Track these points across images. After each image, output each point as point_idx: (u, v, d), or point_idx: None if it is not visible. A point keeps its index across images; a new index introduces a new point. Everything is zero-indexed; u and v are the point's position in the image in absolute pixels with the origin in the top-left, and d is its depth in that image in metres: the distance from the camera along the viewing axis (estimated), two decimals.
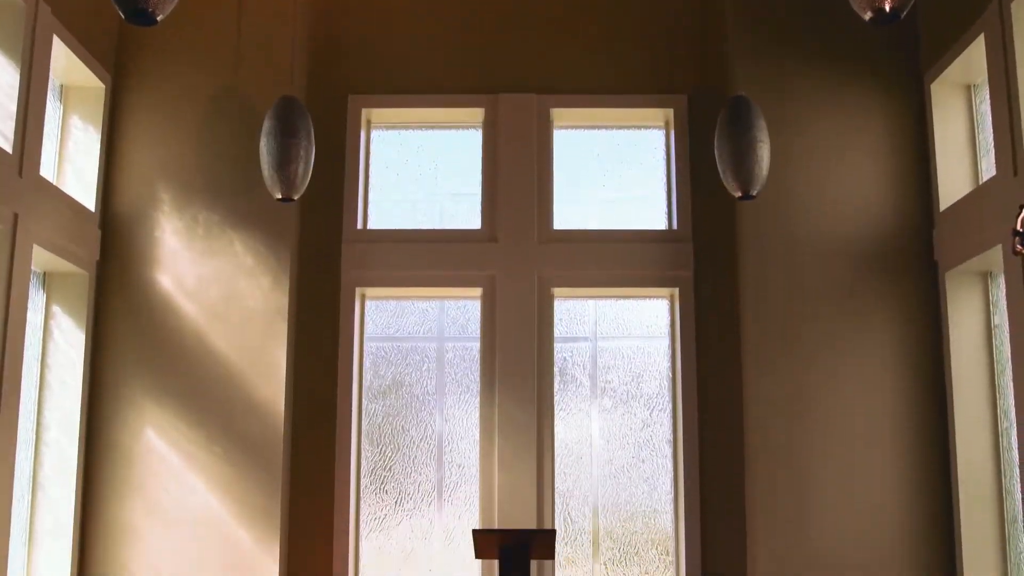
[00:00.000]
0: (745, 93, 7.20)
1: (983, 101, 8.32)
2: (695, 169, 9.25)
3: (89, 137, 8.70)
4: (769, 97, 8.52)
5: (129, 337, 8.57)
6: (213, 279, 8.65)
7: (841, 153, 8.74)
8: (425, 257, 9.16)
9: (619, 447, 9.13)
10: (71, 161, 8.64)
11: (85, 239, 8.40)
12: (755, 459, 8.41)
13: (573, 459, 9.10)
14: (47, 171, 8.20)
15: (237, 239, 8.70)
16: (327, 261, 9.15)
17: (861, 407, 8.38)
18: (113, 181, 8.82)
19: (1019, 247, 5.54)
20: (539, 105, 9.36)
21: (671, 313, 9.26)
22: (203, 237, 8.71)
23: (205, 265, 8.67)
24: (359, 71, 9.46)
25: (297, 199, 7.16)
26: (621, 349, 9.27)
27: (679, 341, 9.06)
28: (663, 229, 9.35)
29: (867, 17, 4.67)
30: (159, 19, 4.75)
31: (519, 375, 8.92)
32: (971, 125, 8.51)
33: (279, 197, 7.05)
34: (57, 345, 8.35)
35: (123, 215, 8.77)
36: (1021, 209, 5.38)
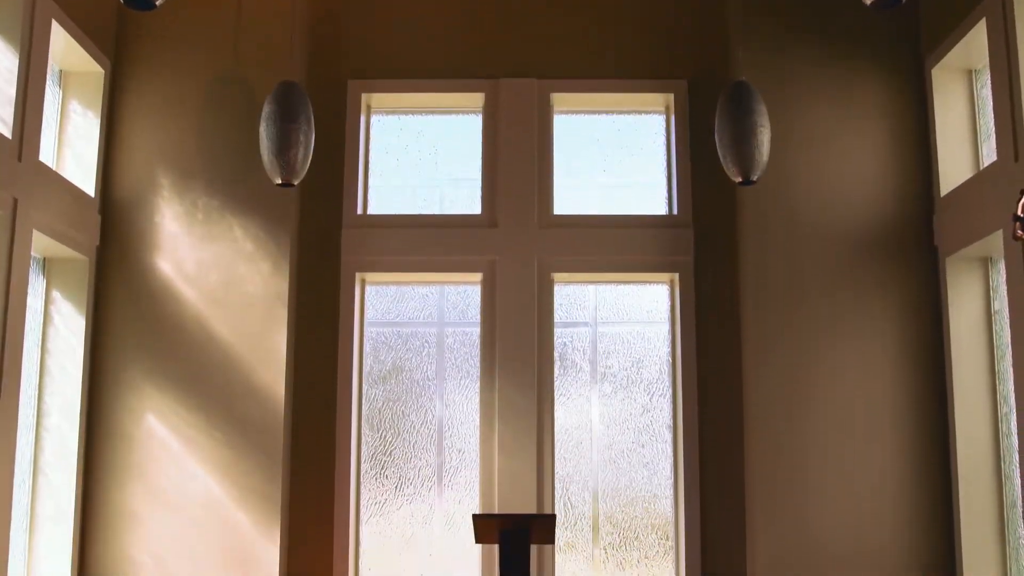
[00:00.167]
0: (745, 78, 7.19)
1: (984, 86, 8.31)
2: (695, 154, 9.24)
3: (88, 122, 8.68)
4: (769, 82, 8.51)
5: (129, 322, 8.58)
6: (213, 264, 8.65)
7: (841, 138, 8.73)
8: (425, 242, 9.16)
9: (619, 432, 9.14)
10: (70, 146, 8.63)
11: (85, 224, 8.39)
12: (755, 444, 8.42)
13: (573, 444, 9.11)
14: (46, 156, 8.19)
15: (237, 224, 8.70)
16: (327, 246, 9.14)
17: (861, 392, 8.39)
18: (113, 166, 8.82)
19: (1019, 232, 5.54)
20: (539, 90, 9.34)
21: (671, 298, 9.26)
22: (203, 222, 8.71)
23: (205, 250, 8.67)
24: (359, 56, 9.44)
25: (297, 184, 7.16)
26: (621, 334, 9.27)
27: (679, 326, 9.06)
28: (663, 214, 9.34)
29: (868, 2, 4.67)
30: (158, 4, 4.75)
31: (519, 360, 8.92)
32: (972, 110, 8.50)
33: (279, 182, 7.04)
34: (57, 330, 8.35)
35: (123, 200, 8.76)
36: (1022, 194, 5.38)
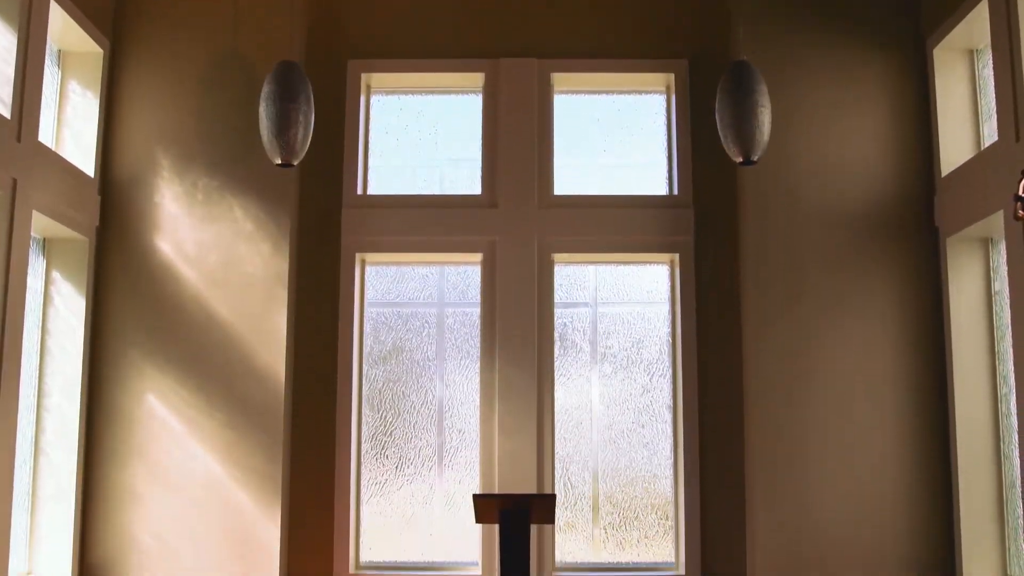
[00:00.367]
0: (746, 58, 7.16)
1: (985, 66, 8.28)
2: (696, 134, 9.22)
3: (88, 103, 8.66)
4: (771, 62, 8.48)
5: (129, 303, 8.58)
6: (213, 245, 8.64)
7: (842, 118, 8.71)
8: (425, 223, 9.15)
9: (619, 412, 9.15)
10: (70, 127, 8.61)
11: (85, 205, 8.38)
12: (755, 424, 8.43)
13: (573, 424, 9.12)
14: (46, 137, 8.17)
15: (237, 205, 8.69)
16: (327, 227, 9.14)
17: (861, 371, 8.40)
18: (112, 147, 8.80)
19: (1020, 212, 5.54)
20: (540, 70, 9.31)
21: (671, 278, 9.25)
22: (203, 203, 8.70)
23: (205, 231, 8.66)
24: (359, 36, 9.41)
25: (297, 164, 7.15)
26: (621, 315, 9.27)
27: (679, 306, 9.06)
28: (664, 194, 9.33)
29: None
30: None
31: (519, 341, 8.93)
32: (973, 90, 8.47)
33: (279, 162, 7.04)
34: (57, 311, 8.35)
35: (122, 181, 8.75)
36: (1023, 175, 5.37)
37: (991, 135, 8.10)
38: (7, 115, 7.28)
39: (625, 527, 9.00)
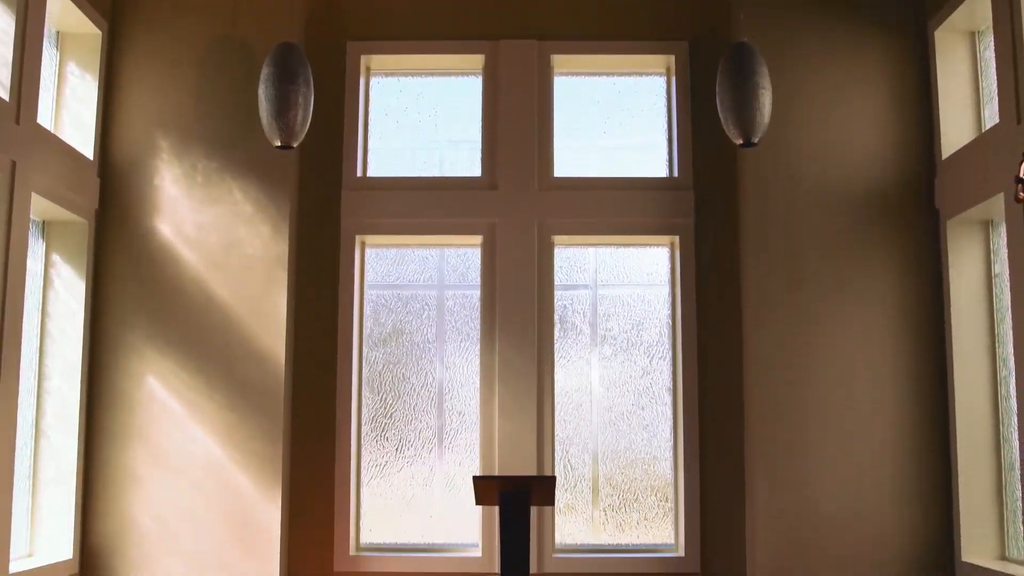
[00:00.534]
0: (747, 39, 7.14)
1: (987, 48, 8.26)
2: (696, 116, 9.20)
3: (86, 85, 8.63)
4: (771, 44, 8.46)
5: (129, 285, 8.57)
6: (213, 227, 8.63)
7: (843, 100, 8.69)
8: (425, 205, 9.13)
9: (619, 395, 9.16)
10: (68, 109, 8.58)
11: (84, 187, 8.37)
12: (754, 406, 8.44)
13: (573, 406, 9.14)
14: (44, 119, 8.15)
15: (236, 187, 8.67)
16: (327, 209, 9.13)
17: (861, 354, 8.40)
18: (111, 129, 8.78)
19: (1021, 194, 5.53)
20: (540, 52, 9.28)
21: (671, 261, 9.25)
22: (202, 185, 8.68)
23: (204, 213, 8.65)
24: (358, 17, 9.37)
25: (296, 146, 7.13)
26: (621, 297, 9.27)
27: (679, 289, 9.06)
28: (664, 176, 9.31)
29: None
30: None
31: (519, 323, 8.93)
32: (975, 72, 8.45)
33: (278, 144, 7.02)
34: (57, 294, 8.35)
35: (122, 163, 8.73)
36: None
37: (992, 117, 8.08)
38: (6, 97, 7.26)
39: (625, 509, 9.02)
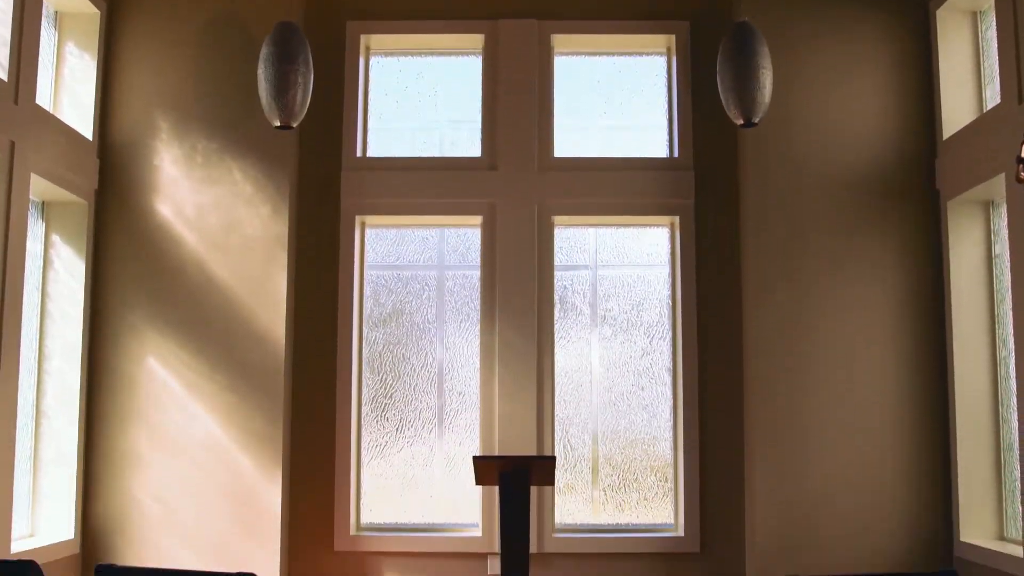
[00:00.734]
0: (748, 19, 7.11)
1: (989, 28, 8.23)
2: (697, 96, 9.18)
3: (85, 64, 8.60)
4: (772, 23, 8.42)
5: (129, 266, 8.58)
6: (212, 208, 8.62)
7: (844, 80, 8.67)
8: (425, 185, 9.12)
9: (619, 375, 9.17)
10: (67, 89, 8.56)
11: (83, 168, 8.36)
12: (754, 386, 8.46)
13: (573, 387, 9.15)
14: (43, 100, 8.13)
15: (236, 167, 8.66)
16: (326, 189, 9.12)
17: (860, 335, 8.41)
18: (110, 110, 8.76)
19: (1022, 175, 5.53)
20: (540, 31, 9.25)
21: (671, 241, 9.24)
22: (202, 165, 8.67)
23: (204, 194, 8.65)
24: None
25: (296, 127, 7.12)
26: (621, 277, 9.27)
27: (679, 269, 9.05)
28: (664, 157, 9.29)
29: None
30: None
31: (519, 303, 8.93)
32: (976, 52, 8.42)
33: (277, 124, 7.01)
34: (57, 274, 8.35)
35: (121, 144, 8.72)
36: None
37: (993, 97, 8.06)
38: (4, 77, 7.24)
39: (624, 489, 9.04)
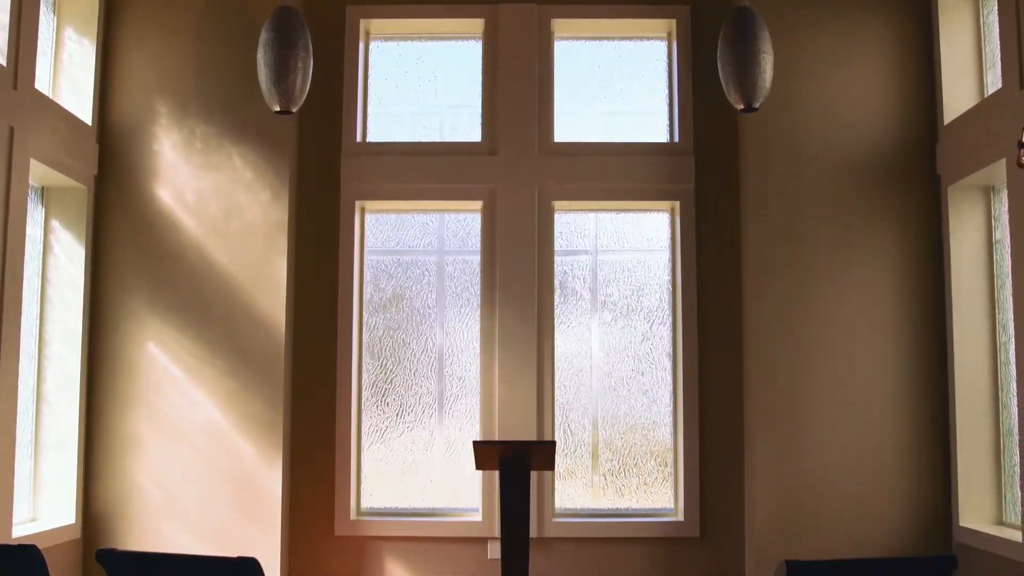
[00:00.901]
0: (749, 3, 7.09)
1: (990, 12, 8.20)
2: (697, 81, 9.16)
3: (84, 50, 8.58)
4: (773, 8, 8.40)
5: (129, 251, 8.57)
6: (212, 193, 8.62)
7: (845, 65, 8.64)
8: (425, 170, 9.11)
9: (619, 360, 9.18)
10: (66, 74, 8.54)
11: (83, 153, 8.34)
12: (754, 372, 8.46)
13: (573, 372, 9.15)
14: (42, 84, 8.11)
15: (236, 153, 8.65)
16: (326, 174, 9.11)
17: (861, 320, 8.41)
18: (110, 95, 8.74)
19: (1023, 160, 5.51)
20: (540, 16, 9.22)
21: (672, 226, 9.23)
22: (201, 151, 8.66)
23: (204, 179, 8.64)
24: None
25: (295, 112, 7.10)
26: (621, 262, 9.27)
27: (679, 254, 9.05)
28: (664, 142, 9.28)
29: None
30: None
31: (519, 288, 8.93)
32: (978, 37, 8.40)
33: (277, 109, 6.99)
34: (57, 259, 8.34)
35: (120, 129, 8.70)
36: None
37: (995, 82, 8.03)
38: (3, 62, 7.22)
39: (624, 473, 9.06)
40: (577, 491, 9.05)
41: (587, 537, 8.79)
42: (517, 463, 7.10)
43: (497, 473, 7.82)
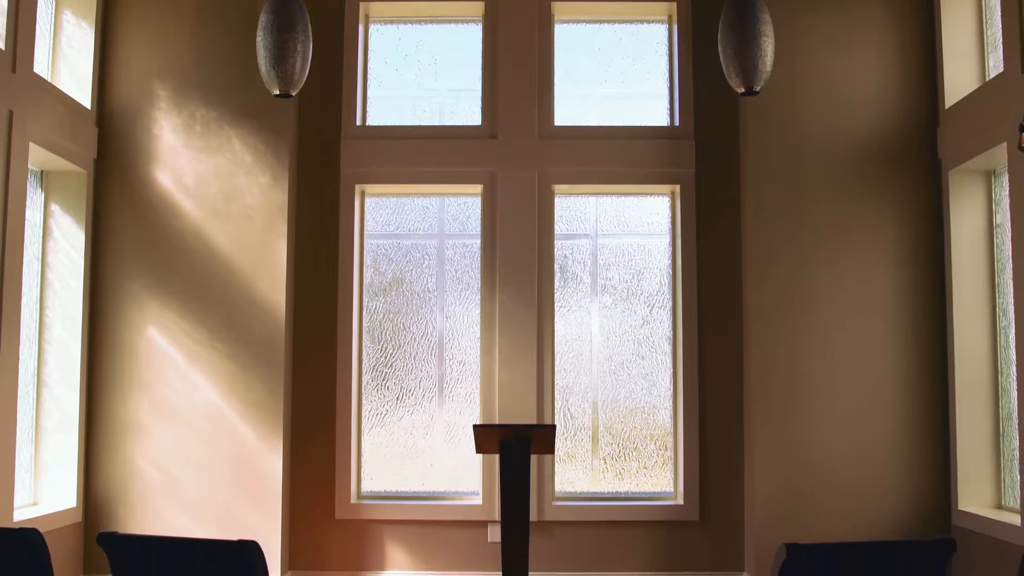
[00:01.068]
0: None
1: None
2: (698, 64, 9.13)
3: (83, 33, 8.56)
4: None
5: (129, 235, 8.57)
6: (212, 177, 8.61)
7: (846, 49, 8.62)
8: (425, 154, 9.09)
9: (619, 344, 9.18)
10: (65, 58, 8.52)
11: (82, 137, 8.33)
12: (754, 355, 8.47)
13: (573, 356, 9.16)
14: (41, 68, 8.09)
15: (235, 136, 8.64)
16: (326, 158, 9.09)
17: (861, 304, 8.42)
18: (109, 78, 8.72)
19: None
20: None
21: (672, 210, 9.22)
22: (201, 134, 8.65)
23: (204, 163, 8.63)
24: None
25: (295, 95, 7.09)
26: (622, 246, 9.26)
27: (680, 238, 9.04)
28: (665, 125, 9.26)
29: None
30: None
31: (519, 272, 8.93)
32: (979, 21, 8.37)
33: (276, 93, 6.97)
34: (57, 244, 8.34)
35: (120, 113, 8.69)
36: None
37: (996, 66, 8.02)
38: (1, 46, 7.21)
39: (624, 457, 9.07)
40: (577, 475, 9.06)
41: (587, 520, 8.81)
42: (517, 447, 7.11)
43: (497, 457, 7.85)
